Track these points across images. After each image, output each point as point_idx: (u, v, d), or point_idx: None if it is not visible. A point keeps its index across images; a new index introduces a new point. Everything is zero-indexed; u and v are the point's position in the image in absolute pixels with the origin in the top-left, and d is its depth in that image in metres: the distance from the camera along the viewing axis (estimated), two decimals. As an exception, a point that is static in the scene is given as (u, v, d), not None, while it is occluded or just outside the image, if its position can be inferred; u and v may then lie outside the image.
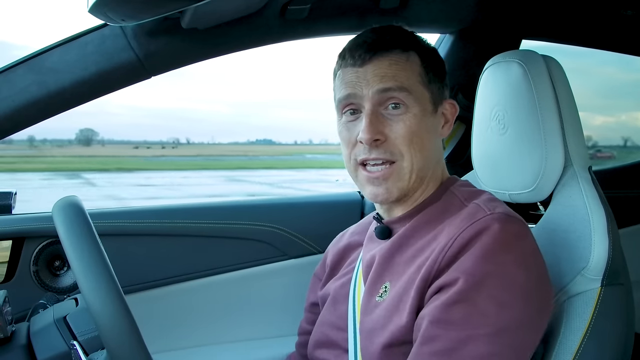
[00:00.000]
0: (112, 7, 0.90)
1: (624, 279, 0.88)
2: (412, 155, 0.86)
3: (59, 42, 1.13)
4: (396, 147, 0.86)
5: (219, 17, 1.15)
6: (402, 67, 0.86)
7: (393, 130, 0.86)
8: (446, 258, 0.78)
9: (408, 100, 0.86)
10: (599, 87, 6.23)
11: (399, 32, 0.91)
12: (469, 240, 0.77)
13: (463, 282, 0.74)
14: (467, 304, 0.74)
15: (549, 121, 0.93)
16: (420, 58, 0.89)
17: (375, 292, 0.88)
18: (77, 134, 34.74)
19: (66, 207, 0.78)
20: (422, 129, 0.86)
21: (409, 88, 0.86)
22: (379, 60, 0.86)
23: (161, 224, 1.47)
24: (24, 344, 0.89)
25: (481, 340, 0.73)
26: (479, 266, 0.75)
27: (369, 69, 0.86)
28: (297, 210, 1.60)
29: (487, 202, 0.84)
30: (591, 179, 0.92)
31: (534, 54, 0.97)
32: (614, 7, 1.49)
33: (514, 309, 0.75)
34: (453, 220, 0.83)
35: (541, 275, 0.80)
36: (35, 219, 1.38)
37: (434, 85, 0.89)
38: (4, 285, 1.36)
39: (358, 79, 0.87)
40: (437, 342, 0.74)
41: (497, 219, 0.78)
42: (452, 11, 1.44)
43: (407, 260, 0.86)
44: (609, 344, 0.86)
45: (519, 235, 0.79)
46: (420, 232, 0.87)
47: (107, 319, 0.70)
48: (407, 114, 0.86)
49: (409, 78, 0.86)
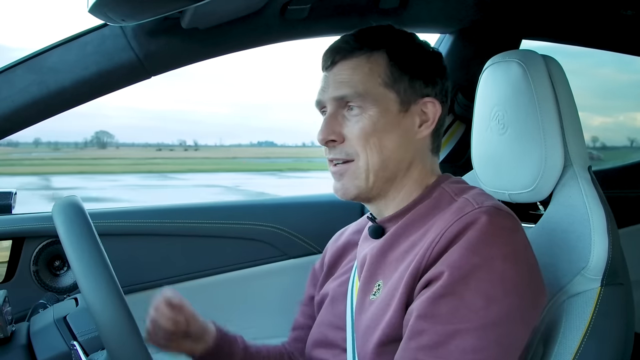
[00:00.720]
0: (112, 7, 0.90)
1: (624, 278, 0.88)
2: (367, 156, 0.87)
3: (58, 42, 1.13)
4: (352, 147, 0.88)
5: (219, 17, 1.15)
6: (361, 71, 0.88)
7: (349, 131, 0.88)
8: (434, 253, 0.77)
9: (364, 103, 0.87)
10: (597, 88, 6.23)
11: (369, 33, 0.91)
12: (456, 234, 0.77)
13: (448, 276, 0.74)
14: (454, 298, 0.74)
15: (549, 121, 0.93)
16: (388, 56, 0.89)
17: (369, 290, 0.88)
18: (92, 136, 34.73)
19: (66, 207, 0.78)
20: (378, 130, 0.87)
21: (363, 93, 0.87)
22: (341, 65, 0.89)
23: (161, 224, 1.47)
24: (24, 344, 0.89)
25: (468, 334, 0.73)
26: (465, 259, 0.74)
27: (331, 75, 0.90)
28: (297, 210, 1.60)
29: (477, 196, 0.83)
30: (591, 179, 0.92)
31: (534, 54, 0.97)
32: (614, 7, 1.49)
33: (502, 303, 0.74)
34: (442, 215, 0.82)
35: (532, 270, 0.79)
36: (35, 219, 1.38)
37: (402, 83, 0.88)
38: (4, 285, 1.36)
39: (324, 83, 0.91)
40: (424, 336, 0.74)
41: (486, 212, 0.78)
42: (452, 11, 1.44)
43: (398, 257, 0.86)
44: (608, 343, 0.85)
45: (507, 228, 0.78)
46: (411, 230, 0.87)
47: (107, 319, 0.70)
48: (362, 115, 0.87)
49: (364, 82, 0.87)
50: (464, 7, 1.43)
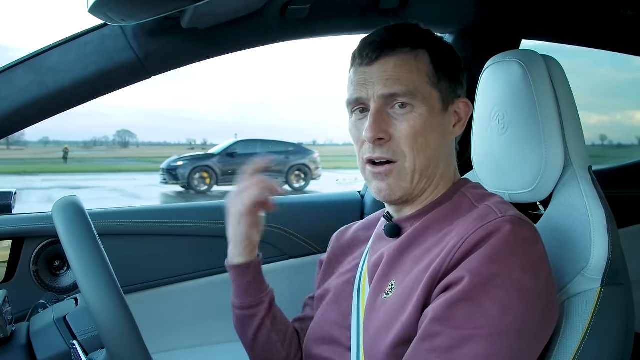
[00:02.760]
0: (112, 7, 0.90)
1: (624, 279, 0.88)
2: (414, 156, 0.86)
3: (58, 42, 1.13)
4: (399, 147, 0.86)
5: (219, 17, 1.15)
6: (408, 68, 0.86)
7: (398, 130, 0.86)
8: (455, 258, 0.78)
9: (414, 101, 0.86)
10: (594, 86, 6.21)
11: (410, 29, 0.91)
12: (479, 241, 0.77)
13: (469, 281, 0.74)
14: (471, 303, 0.74)
15: (549, 121, 0.93)
16: (430, 56, 0.88)
17: (381, 290, 0.88)
18: (115, 135, 34.92)
19: (66, 207, 0.78)
20: (427, 129, 0.86)
21: (414, 91, 0.86)
22: (386, 60, 0.87)
23: (161, 224, 1.47)
24: (24, 343, 0.89)
25: (481, 340, 0.73)
26: (486, 266, 0.75)
27: (375, 70, 0.87)
28: (297, 210, 1.60)
29: (499, 204, 0.84)
30: (591, 179, 0.92)
31: (534, 54, 0.97)
32: (614, 7, 1.49)
33: (518, 313, 0.75)
34: (464, 220, 0.83)
35: (548, 283, 0.80)
36: (35, 219, 1.38)
37: (444, 83, 0.89)
38: (4, 285, 1.36)
39: (365, 80, 0.88)
40: (437, 339, 0.74)
41: (509, 221, 0.78)
42: (452, 11, 1.44)
43: (414, 258, 0.86)
44: (608, 344, 0.85)
45: (529, 239, 0.79)
46: (429, 232, 0.87)
47: (107, 319, 0.70)
48: (412, 113, 0.86)
49: (414, 80, 0.86)
50: (463, 7, 1.43)
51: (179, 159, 13.43)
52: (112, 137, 34.38)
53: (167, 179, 13.12)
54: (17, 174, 19.87)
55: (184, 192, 12.92)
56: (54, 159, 28.63)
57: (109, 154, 34.36)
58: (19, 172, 20.81)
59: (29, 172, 20.96)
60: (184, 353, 1.46)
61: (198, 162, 13.20)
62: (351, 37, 1.40)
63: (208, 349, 1.47)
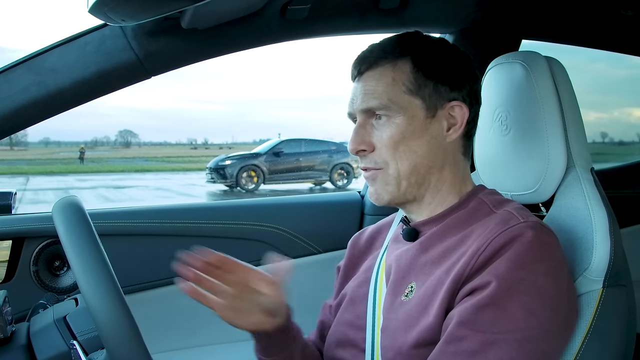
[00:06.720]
0: (112, 7, 0.90)
1: (626, 280, 0.88)
2: (397, 163, 0.88)
3: (58, 42, 1.12)
4: (381, 156, 0.89)
5: (219, 17, 1.15)
6: (385, 80, 0.88)
7: (379, 140, 0.89)
8: (479, 261, 0.79)
9: (389, 112, 0.88)
10: (591, 83, 6.22)
11: (393, 41, 0.91)
12: (502, 246, 0.78)
13: (496, 286, 0.76)
14: (497, 308, 0.75)
15: (552, 122, 0.93)
16: (413, 63, 0.89)
17: (400, 292, 0.89)
18: (117, 135, 35.03)
19: (66, 207, 0.78)
20: (407, 137, 0.88)
21: (387, 103, 0.88)
22: (367, 75, 0.91)
23: (161, 224, 1.47)
24: (24, 344, 0.89)
25: (507, 344, 0.74)
26: (512, 272, 0.76)
27: (359, 86, 0.91)
28: (297, 210, 1.60)
29: (519, 210, 0.85)
30: (593, 180, 0.92)
31: (537, 56, 0.97)
32: (614, 7, 1.49)
33: (542, 318, 0.76)
34: (484, 224, 0.84)
35: (569, 287, 0.82)
36: (35, 219, 1.38)
37: (427, 89, 0.88)
38: (4, 285, 1.36)
39: (353, 95, 0.92)
40: (464, 342, 0.75)
41: (532, 227, 0.79)
42: (452, 11, 1.44)
43: (433, 261, 0.87)
44: (610, 344, 0.85)
45: (550, 244, 0.80)
46: (447, 235, 0.88)
47: (107, 319, 0.70)
48: (389, 123, 0.88)
49: (388, 92, 0.88)
50: (464, 7, 1.43)
51: (227, 157, 13.84)
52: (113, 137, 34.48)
53: (215, 178, 13.48)
54: (44, 175, 19.70)
55: (228, 190, 13.26)
56: (67, 160, 28.49)
57: (113, 154, 34.37)
58: (44, 172, 20.69)
59: (56, 172, 20.93)
60: (184, 353, 1.46)
61: (246, 161, 13.62)
62: (351, 37, 1.41)
63: (208, 349, 1.47)
